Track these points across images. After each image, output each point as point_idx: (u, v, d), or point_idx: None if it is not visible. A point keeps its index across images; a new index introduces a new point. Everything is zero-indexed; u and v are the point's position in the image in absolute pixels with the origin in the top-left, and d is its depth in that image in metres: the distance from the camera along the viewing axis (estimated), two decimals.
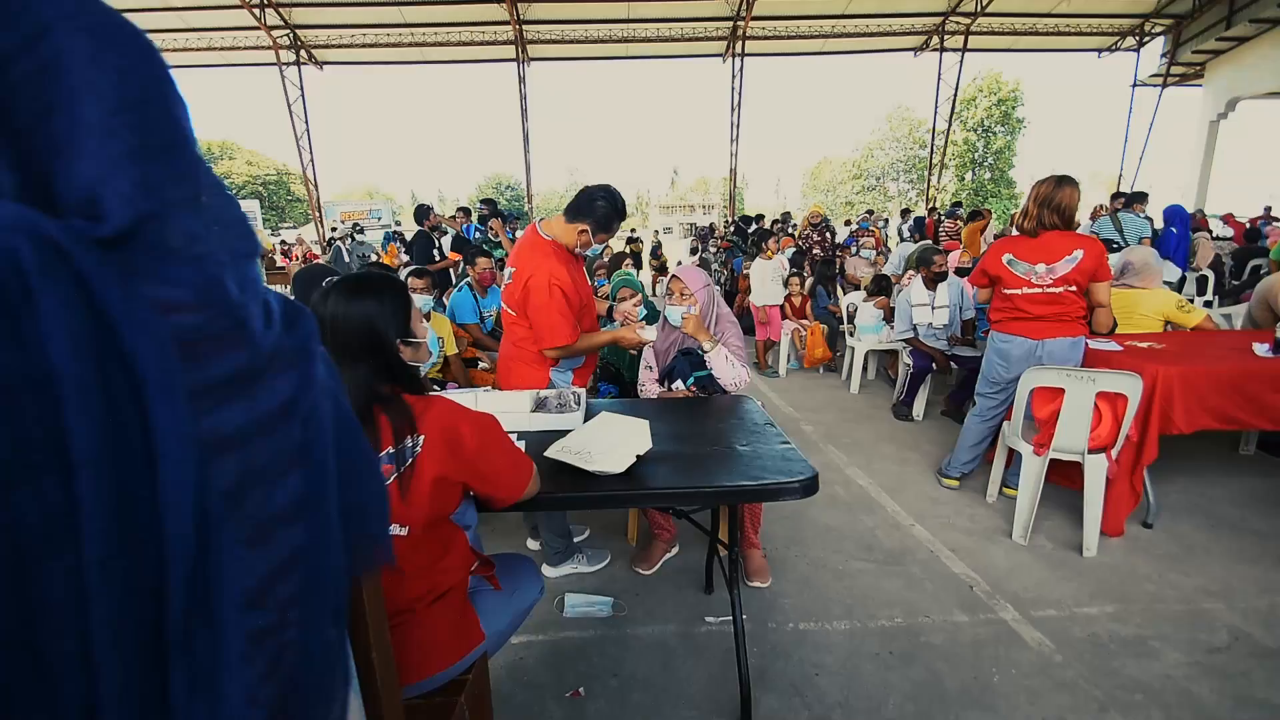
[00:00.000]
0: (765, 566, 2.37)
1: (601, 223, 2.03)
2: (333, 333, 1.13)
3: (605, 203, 2.03)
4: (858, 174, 40.30)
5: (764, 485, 1.45)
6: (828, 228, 8.09)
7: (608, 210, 2.03)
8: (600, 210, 2.02)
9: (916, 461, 3.50)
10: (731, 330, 2.42)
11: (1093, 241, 2.64)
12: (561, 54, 14.58)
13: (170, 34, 12.76)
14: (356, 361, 1.13)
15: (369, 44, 13.46)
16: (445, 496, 1.16)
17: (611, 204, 2.04)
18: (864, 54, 16.34)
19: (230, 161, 37.16)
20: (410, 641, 1.15)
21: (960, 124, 31.76)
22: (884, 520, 2.84)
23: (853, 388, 5.06)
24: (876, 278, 5.28)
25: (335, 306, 1.14)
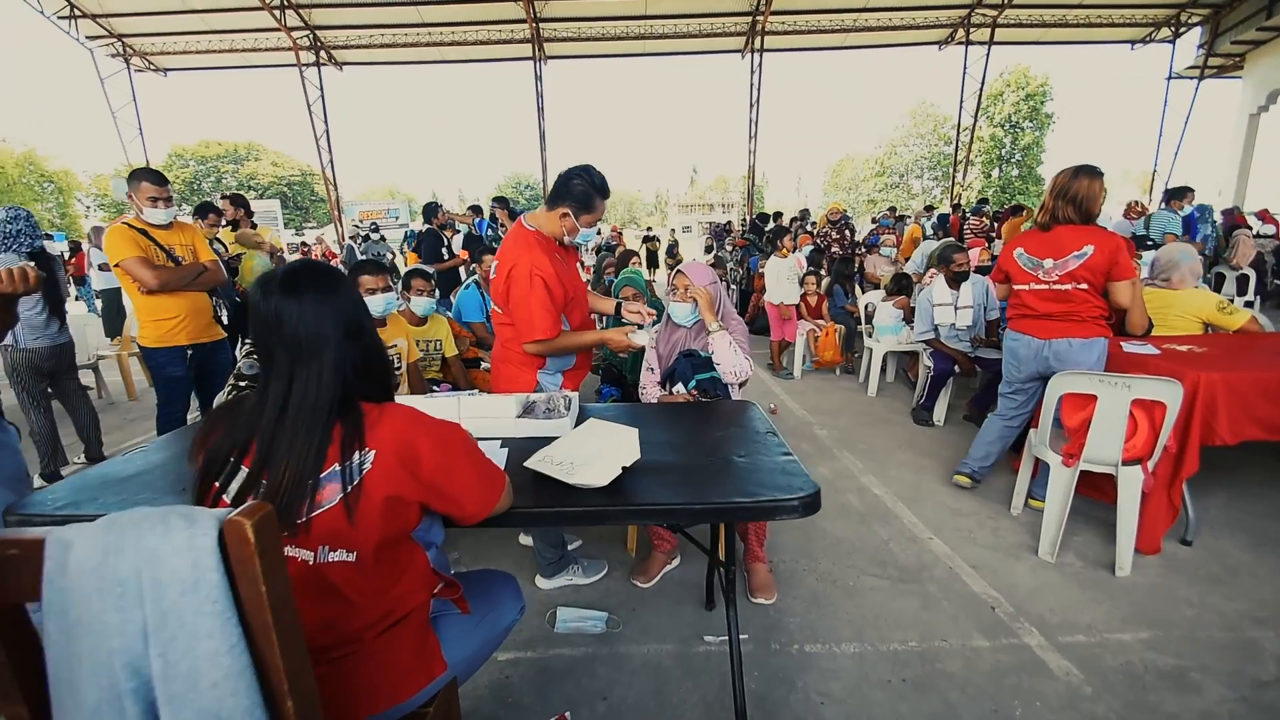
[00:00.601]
0: (770, 582, 2.24)
1: (581, 200, 1.93)
2: (278, 330, 1.01)
3: (582, 180, 1.92)
4: (881, 171, 39.68)
5: (759, 502, 1.32)
6: (847, 225, 7.89)
7: (585, 187, 1.92)
8: (577, 189, 1.92)
9: (936, 469, 3.33)
10: (737, 328, 2.30)
11: (1109, 237, 2.46)
12: (578, 51, 14.51)
13: (193, 36, 12.96)
14: (309, 361, 1.01)
15: (387, 44, 13.52)
16: (400, 517, 1.05)
17: (589, 181, 1.93)
18: (887, 48, 15.98)
19: (256, 163, 37.86)
20: (359, 674, 1.04)
21: (987, 119, 31.10)
22: (899, 533, 2.69)
23: (870, 390, 4.89)
24: (896, 276, 5.09)
25: (278, 301, 1.01)
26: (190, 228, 3.00)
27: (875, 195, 38.67)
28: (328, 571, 1.00)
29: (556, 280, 1.94)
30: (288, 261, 4.85)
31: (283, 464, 0.97)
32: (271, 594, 0.72)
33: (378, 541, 1.01)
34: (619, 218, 47.06)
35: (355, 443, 1.00)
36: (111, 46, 13.22)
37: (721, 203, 37.73)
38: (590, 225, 2.01)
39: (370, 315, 1.14)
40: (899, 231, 8.96)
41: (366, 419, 1.03)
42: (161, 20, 12.34)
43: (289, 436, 0.98)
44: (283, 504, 0.96)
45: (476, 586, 1.39)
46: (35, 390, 3.05)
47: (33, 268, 1.47)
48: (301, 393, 1.00)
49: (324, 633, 1.02)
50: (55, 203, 30.95)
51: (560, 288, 1.96)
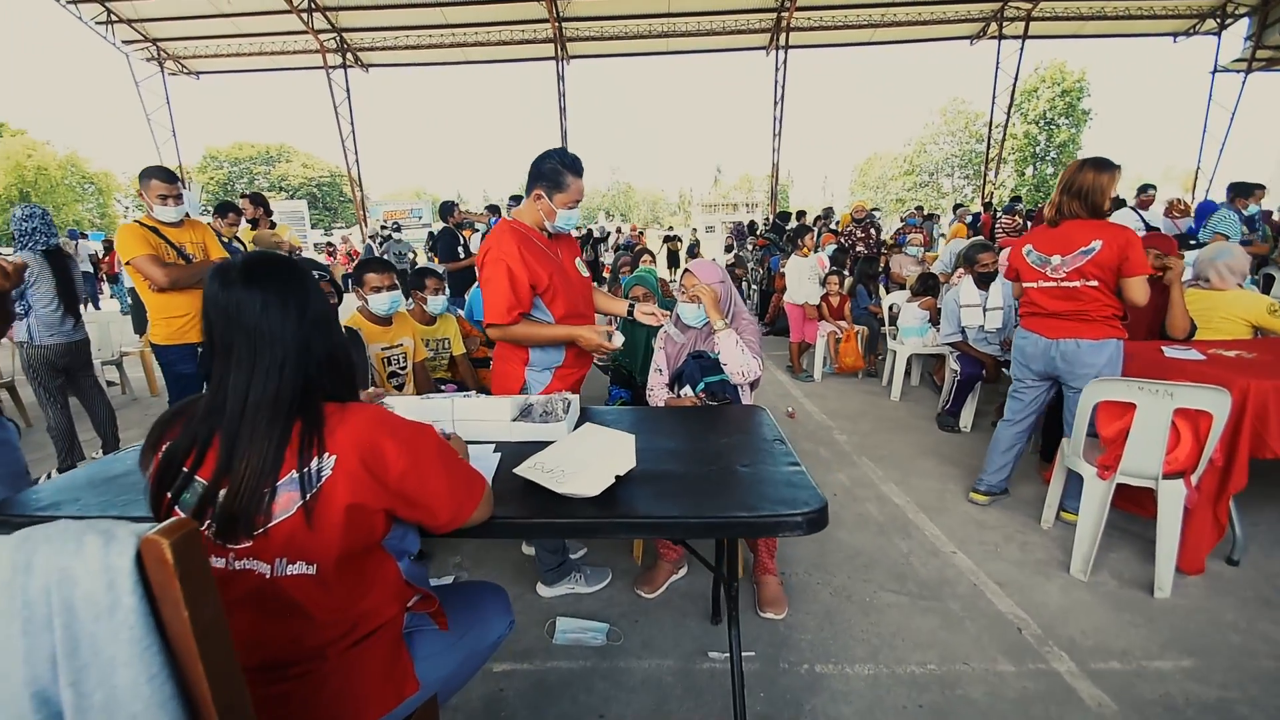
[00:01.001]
0: (781, 596, 2.14)
1: (551, 179, 1.89)
2: (239, 322, 0.94)
3: (550, 159, 1.90)
4: (910, 170, 38.93)
5: (759, 518, 1.22)
6: (873, 224, 7.69)
7: (554, 165, 1.89)
8: (547, 168, 1.89)
9: (961, 478, 3.18)
10: (748, 328, 2.20)
11: (1119, 231, 2.32)
12: (601, 51, 14.50)
13: (224, 39, 13.29)
14: (270, 354, 0.95)
15: (411, 45, 13.67)
16: (364, 526, 0.98)
17: (559, 159, 1.90)
18: (916, 43, 15.64)
19: (287, 164, 38.80)
20: (323, 693, 0.98)
21: (1020, 116, 30.28)
22: (920, 545, 2.55)
23: (893, 394, 4.73)
24: (922, 276, 4.92)
25: (240, 292, 0.95)
26: (201, 225, 3.00)
27: (904, 194, 37.94)
28: (287, 585, 0.94)
29: (522, 265, 1.89)
30: (314, 262, 4.84)
31: (243, 464, 0.91)
32: (197, 619, 0.65)
33: (339, 552, 0.95)
34: (642, 218, 47.00)
35: (314, 446, 0.93)
36: (146, 51, 13.61)
37: (746, 202, 37.47)
38: (568, 205, 1.94)
39: (330, 305, 1.08)
40: (927, 230, 8.71)
41: (328, 420, 0.96)
42: (194, 24, 12.68)
43: (250, 432, 0.92)
44: (239, 514, 0.90)
45: (459, 600, 1.32)
46: (51, 386, 3.08)
47: (9, 261, 1.44)
48: (262, 386, 0.94)
49: (284, 649, 0.96)
50: (95, 203, 32.07)
51: (527, 274, 1.90)
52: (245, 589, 0.93)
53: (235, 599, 0.92)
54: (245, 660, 0.93)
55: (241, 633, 0.91)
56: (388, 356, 2.58)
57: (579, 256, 2.19)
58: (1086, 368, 2.43)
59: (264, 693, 0.94)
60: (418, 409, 1.71)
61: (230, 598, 0.92)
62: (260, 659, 0.95)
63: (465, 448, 1.47)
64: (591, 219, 36.64)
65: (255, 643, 0.94)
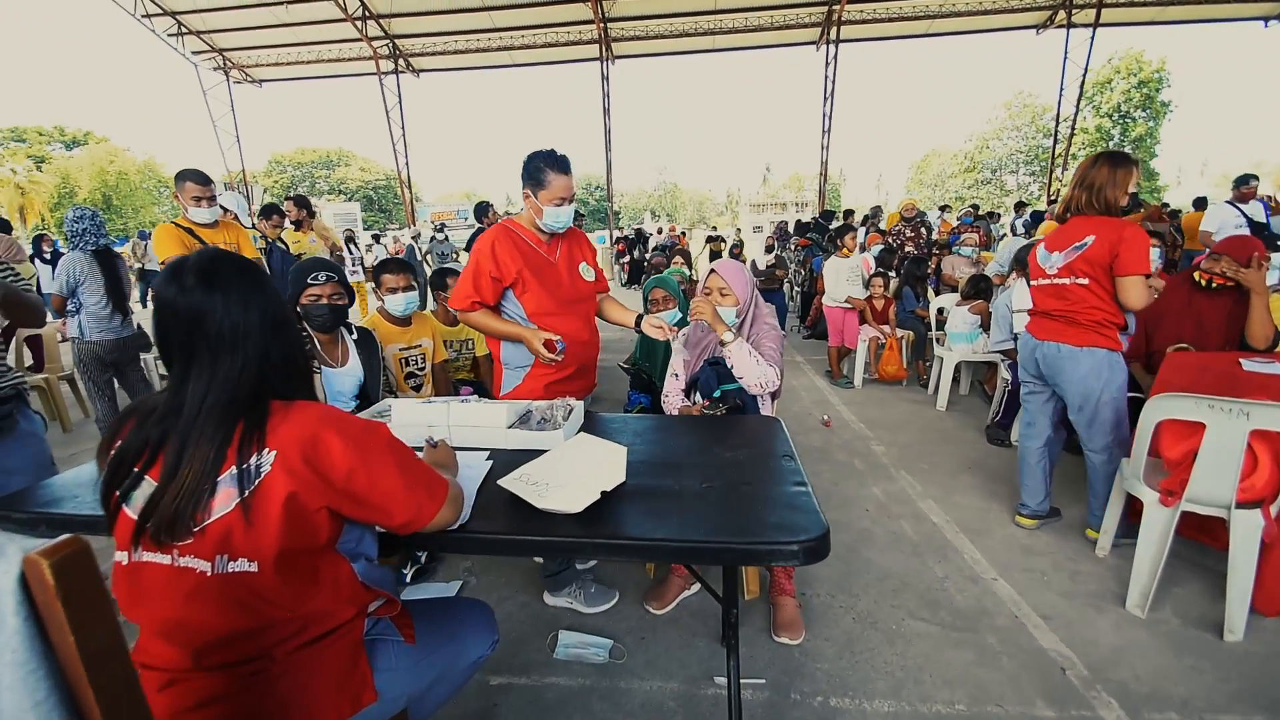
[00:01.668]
0: (798, 619, 2.00)
1: (534, 176, 1.93)
2: (199, 325, 0.94)
3: (535, 158, 1.95)
4: (970, 166, 37.30)
5: (749, 545, 1.11)
6: (923, 223, 7.35)
7: (537, 164, 1.93)
8: (531, 167, 1.94)
9: (1008, 497, 2.95)
10: (769, 335, 2.08)
11: (1115, 225, 2.14)
12: (646, 50, 14.42)
13: (285, 49, 13.95)
14: (229, 356, 0.94)
15: (460, 50, 13.97)
16: (306, 524, 0.94)
17: (542, 157, 1.94)
18: (977, 34, 14.92)
19: (345, 168, 40.57)
20: (273, 694, 0.94)
21: (1092, 109, 28.58)
22: (958, 569, 2.36)
23: (939, 403, 4.46)
24: (973, 278, 4.64)
25: (199, 295, 0.94)
26: (235, 227, 3.08)
27: (964, 192, 36.39)
28: (229, 582, 0.91)
29: (490, 260, 1.95)
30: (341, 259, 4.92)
31: (188, 466, 0.90)
32: (84, 644, 0.60)
33: (278, 550, 0.91)
34: (688, 218, 46.68)
35: (254, 442, 0.91)
36: (213, 60, 14.42)
37: (795, 201, 36.74)
38: (553, 202, 1.94)
39: (286, 306, 1.06)
40: (983, 229, 8.27)
41: (271, 417, 0.94)
42: (257, 34, 13.39)
43: (199, 435, 0.91)
44: (179, 513, 0.89)
45: (438, 615, 1.27)
46: (100, 380, 3.23)
47: None
48: (220, 391, 0.93)
49: (231, 647, 0.94)
50: (170, 206, 34.30)
51: (494, 269, 1.95)
52: (189, 586, 0.91)
53: (181, 597, 0.91)
54: (194, 660, 0.92)
55: (189, 631, 0.91)
56: (405, 357, 2.58)
57: (586, 260, 2.12)
58: (1065, 377, 2.30)
59: (213, 691, 0.93)
60: (416, 413, 1.67)
61: (177, 596, 0.91)
62: (208, 658, 0.93)
63: (453, 455, 1.42)
64: (638, 219, 36.60)
65: (203, 641, 0.92)
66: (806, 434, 3.94)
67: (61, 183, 27.72)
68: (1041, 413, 2.53)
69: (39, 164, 28.19)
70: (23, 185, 24.21)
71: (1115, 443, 2.33)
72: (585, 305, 2.11)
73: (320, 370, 2.10)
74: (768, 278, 7.57)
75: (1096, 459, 2.38)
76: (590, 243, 2.20)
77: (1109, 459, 2.35)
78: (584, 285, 2.09)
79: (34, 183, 24.68)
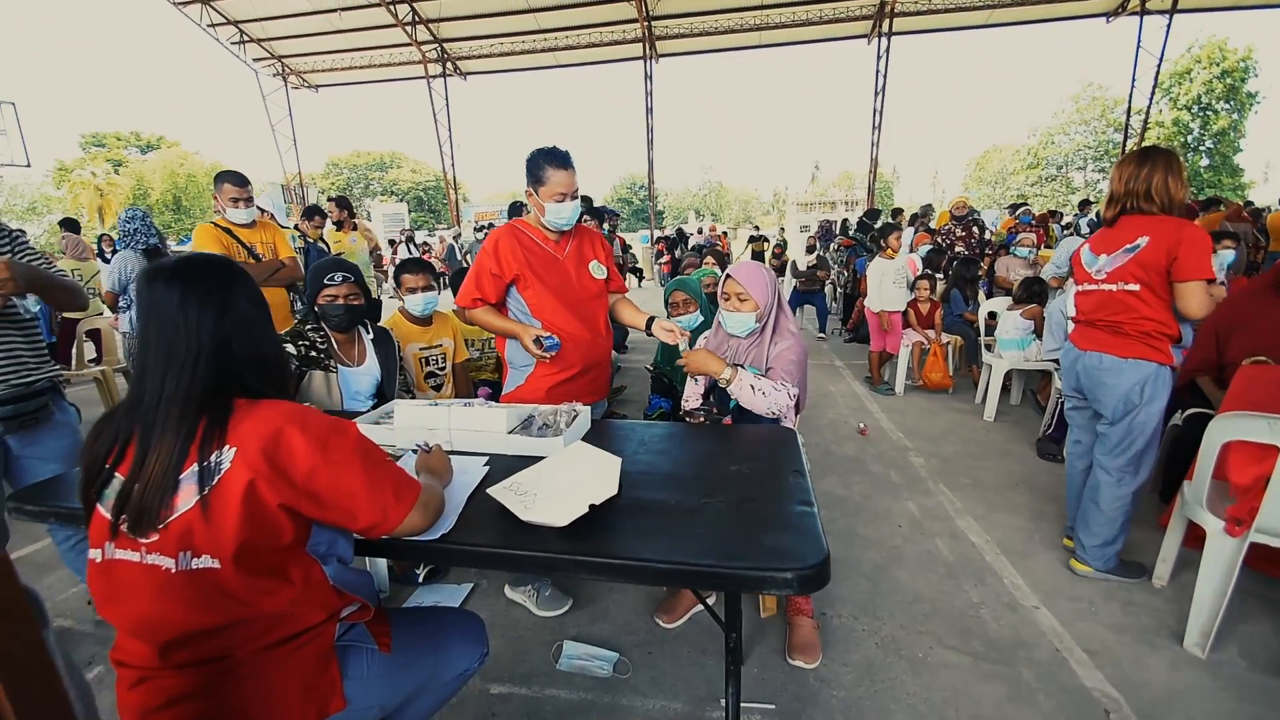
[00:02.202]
0: (815, 641, 1.89)
1: (533, 173, 1.91)
2: (157, 318, 0.96)
3: (535, 155, 1.92)
4: (1034, 163, 35.55)
5: (740, 570, 1.03)
6: (975, 222, 6.99)
7: (535, 160, 1.91)
8: (531, 164, 1.92)
9: (1057, 517, 2.74)
10: (790, 349, 1.95)
11: (1174, 225, 1.91)
12: (690, 48, 14.30)
13: (339, 54, 14.52)
14: (186, 349, 0.95)
15: (505, 52, 14.20)
16: (266, 523, 0.92)
17: (541, 154, 1.90)
18: (1042, 24, 14.15)
19: (397, 170, 42.05)
20: (236, 694, 0.93)
21: (1169, 102, 26.79)
22: (995, 595, 2.20)
23: (987, 414, 4.21)
24: (1026, 281, 4.37)
25: (161, 289, 0.96)
26: (272, 227, 3.16)
27: (1026, 189, 34.72)
28: (194, 579, 0.90)
29: (493, 259, 1.95)
30: (380, 257, 5.03)
31: (154, 458, 0.91)
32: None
33: (237, 547, 0.90)
34: (734, 218, 46.18)
35: (215, 439, 0.91)
36: (273, 67, 15.11)
37: (845, 200, 35.84)
38: (553, 198, 1.90)
39: (263, 306, 1.05)
40: (1041, 230, 7.82)
41: (235, 414, 0.93)
42: (314, 41, 13.97)
43: (161, 426, 0.92)
44: (147, 507, 0.89)
45: (422, 625, 1.23)
46: None
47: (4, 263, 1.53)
48: (176, 381, 0.94)
49: (195, 645, 0.93)
50: None
51: (496, 267, 1.95)
52: (156, 583, 0.91)
53: (149, 594, 0.91)
54: (161, 658, 0.92)
55: (156, 628, 0.92)
56: (425, 357, 2.58)
57: (598, 258, 2.06)
58: (1106, 390, 2.08)
59: (181, 690, 0.92)
60: (417, 415, 1.65)
61: (145, 593, 0.91)
62: (174, 655, 0.93)
63: (446, 461, 1.38)
64: (682, 219, 36.39)
65: (169, 638, 0.92)
66: (840, 443, 3.78)
67: (136, 184, 29.68)
68: (1088, 430, 2.33)
69: (116, 167, 30.25)
70: (101, 187, 25.98)
71: (1135, 466, 2.13)
72: (593, 304, 2.05)
73: (337, 369, 2.11)
74: (809, 278, 7.36)
75: (1106, 478, 2.17)
76: (604, 241, 2.14)
77: (1119, 481, 2.15)
78: (593, 284, 2.03)
79: (111, 184, 26.47)
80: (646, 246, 14.94)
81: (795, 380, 1.88)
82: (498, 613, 2.13)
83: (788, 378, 1.88)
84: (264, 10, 12.71)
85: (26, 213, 29.68)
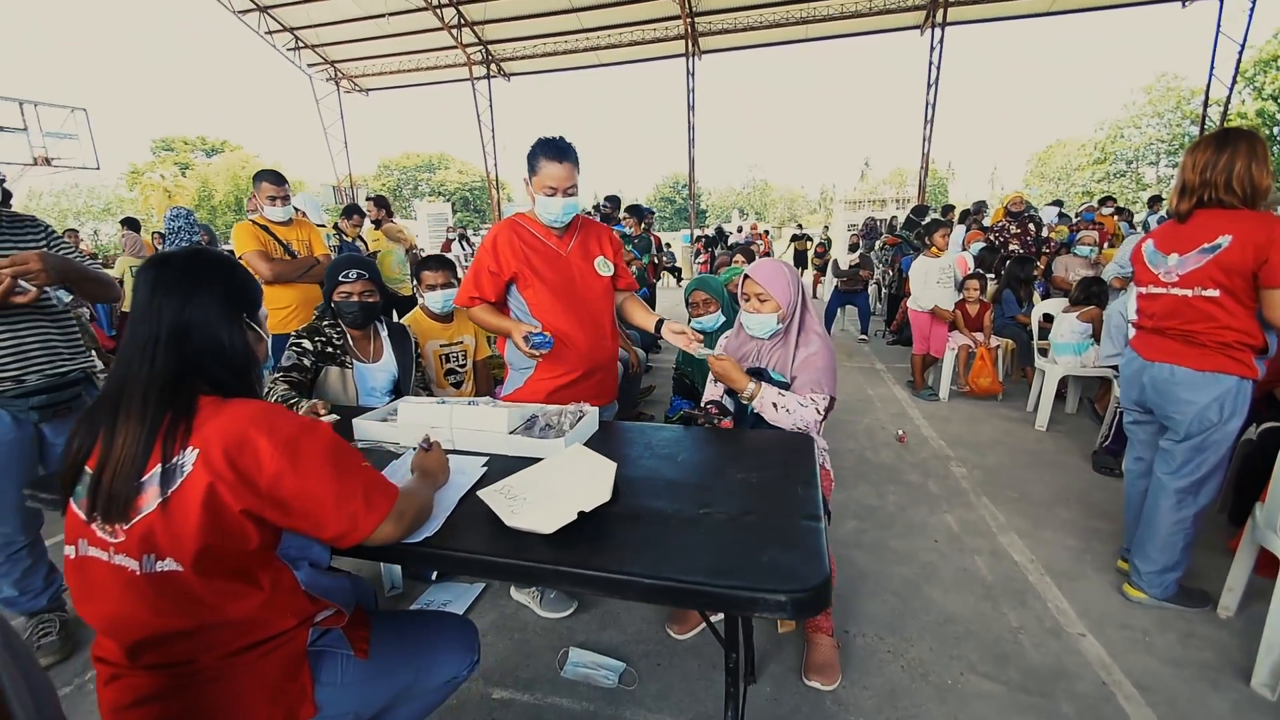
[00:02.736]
0: (834, 661, 1.78)
1: (529, 161, 1.86)
2: (135, 309, 0.96)
3: (532, 146, 1.86)
4: (1102, 158, 33.66)
5: (728, 590, 0.95)
6: (1031, 219, 6.62)
7: (532, 150, 1.85)
8: (529, 153, 1.86)
9: (1112, 536, 2.53)
10: (819, 354, 1.83)
11: (1266, 224, 1.67)
12: (734, 44, 14.06)
13: (388, 58, 14.99)
14: (157, 337, 0.94)
15: (548, 52, 14.31)
16: (229, 525, 0.89)
17: (537, 143, 1.84)
18: (1111, 9, 13.33)
19: (445, 171, 43.21)
20: (203, 698, 0.91)
21: (1253, 92, 24.86)
22: (1037, 619, 2.03)
23: (1039, 422, 3.96)
24: (1084, 281, 4.09)
25: (142, 279, 0.96)
26: (309, 225, 3.23)
27: (1093, 186, 32.91)
28: (159, 582, 0.88)
29: (491, 256, 1.90)
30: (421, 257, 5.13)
31: (120, 446, 0.89)
32: None
33: (198, 549, 0.87)
34: (779, 216, 45.44)
35: (179, 437, 0.88)
36: (326, 72, 15.67)
37: (896, 197, 34.67)
38: (543, 191, 1.83)
39: (246, 302, 1.04)
40: (1105, 228, 7.35)
41: (200, 413, 0.91)
42: (364, 46, 14.43)
43: (126, 414, 0.91)
44: (116, 495, 0.88)
45: (410, 630, 1.20)
46: None
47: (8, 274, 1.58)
48: (138, 366, 0.94)
49: (161, 647, 0.92)
50: None
51: (494, 263, 1.89)
52: (123, 584, 0.89)
53: (116, 594, 0.90)
54: (129, 657, 0.91)
55: (124, 628, 0.91)
56: (445, 354, 2.58)
57: (605, 254, 1.98)
58: (1180, 407, 1.86)
59: (149, 690, 0.91)
60: (420, 413, 1.62)
61: (113, 592, 0.90)
62: (141, 656, 0.92)
63: (442, 461, 1.34)
64: (724, 217, 36.02)
65: (136, 638, 0.91)
66: (876, 450, 3.62)
67: (201, 186, 31.39)
68: (1151, 446, 2.12)
69: (184, 170, 32.05)
70: (169, 189, 27.57)
71: (1201, 489, 1.92)
72: (598, 304, 1.96)
73: (353, 365, 2.12)
74: (850, 278, 7.12)
75: (1167, 499, 1.97)
76: (612, 235, 2.06)
77: (1180, 503, 1.94)
78: (598, 282, 1.96)
79: (179, 187, 28.07)
80: (687, 246, 14.82)
81: (825, 390, 1.77)
82: (507, 614, 2.10)
83: (816, 389, 1.77)
84: (318, 17, 13.17)
85: (102, 213, 31.86)
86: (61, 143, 9.70)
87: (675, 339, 1.86)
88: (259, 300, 1.09)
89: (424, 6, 12.26)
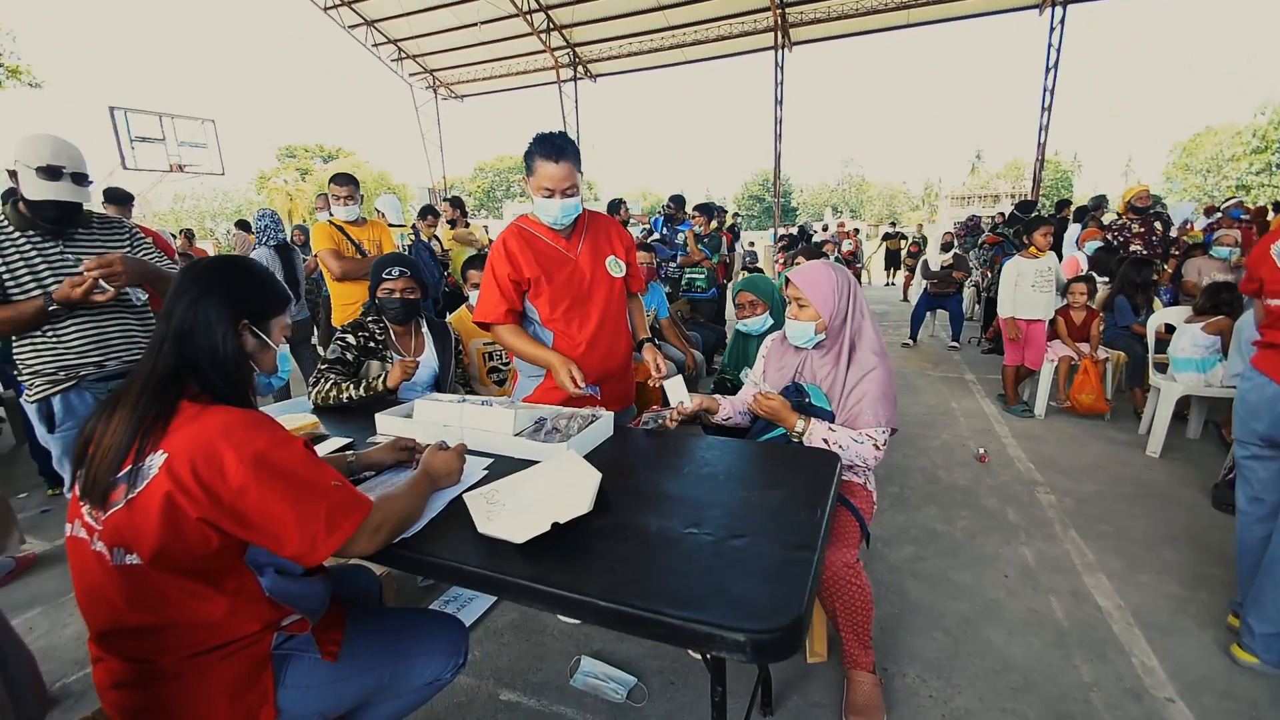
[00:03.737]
0: (877, 704, 1.61)
1: (527, 164, 1.75)
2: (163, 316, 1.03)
3: (530, 144, 1.73)
4: (1262, 146, 29.34)
5: (684, 621, 0.86)
6: (1158, 216, 5.84)
7: (529, 148, 1.73)
8: (526, 152, 1.75)
9: (1225, 587, 2.15)
10: (871, 374, 1.67)
11: None
12: (828, 33, 13.46)
13: (481, 65, 15.67)
14: (157, 333, 1.01)
15: (633, 52, 14.39)
16: (187, 530, 0.90)
17: (534, 140, 1.72)
18: None
19: None
20: (162, 697, 0.94)
21: None
22: (1115, 676, 1.76)
23: (1151, 447, 3.48)
24: (1211, 288, 3.54)
25: (169, 289, 1.03)
26: (380, 226, 3.40)
27: (1249, 179, 28.78)
28: (126, 574, 0.92)
29: (504, 261, 1.78)
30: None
31: (110, 431, 0.94)
32: None
33: (155, 549, 0.90)
34: (876, 214, 43.27)
35: (153, 439, 0.91)
36: (425, 80, 16.61)
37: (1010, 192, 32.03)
38: (540, 192, 1.72)
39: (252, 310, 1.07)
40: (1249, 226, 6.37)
41: (179, 415, 0.94)
42: (459, 54, 15.19)
43: (125, 400, 0.96)
44: (96, 477, 0.93)
45: (386, 632, 1.19)
46: None
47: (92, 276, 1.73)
48: (148, 358, 0.99)
49: (125, 638, 0.95)
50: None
51: (510, 270, 1.77)
52: (99, 569, 0.94)
53: (94, 578, 0.95)
54: (99, 643, 0.96)
55: (96, 613, 0.95)
56: (489, 351, 2.61)
57: (616, 254, 1.89)
58: None
59: (121, 677, 0.95)
60: (435, 412, 1.64)
61: (92, 576, 0.95)
62: (109, 644, 0.96)
63: (453, 463, 1.31)
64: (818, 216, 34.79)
65: (104, 626, 0.95)
66: (951, 469, 3.31)
67: (318, 190, 34.32)
68: (1274, 487, 1.78)
69: (303, 175, 35.13)
70: (291, 193, 30.28)
71: None
72: (612, 307, 1.88)
73: (393, 360, 2.19)
74: (942, 280, 6.61)
75: None
76: (622, 231, 1.94)
77: None
78: (611, 284, 1.88)
79: (299, 190, 30.74)
80: (769, 245, 14.43)
81: (884, 421, 1.62)
82: (529, 614, 2.09)
83: (875, 420, 1.62)
84: (417, 28, 13.99)
85: (234, 214, 35.80)
86: (193, 151, 10.96)
87: (646, 366, 1.81)
88: (270, 310, 1.11)
89: (515, 13, 12.68)
